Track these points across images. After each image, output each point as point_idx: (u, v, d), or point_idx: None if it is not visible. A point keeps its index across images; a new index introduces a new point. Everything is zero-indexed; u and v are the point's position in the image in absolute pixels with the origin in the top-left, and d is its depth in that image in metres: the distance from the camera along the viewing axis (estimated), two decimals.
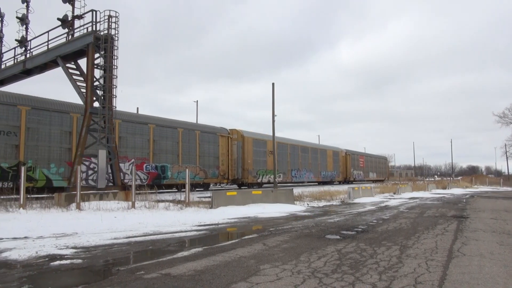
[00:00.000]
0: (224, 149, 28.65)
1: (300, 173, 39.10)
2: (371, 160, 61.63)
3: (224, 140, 28.90)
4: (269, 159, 32.85)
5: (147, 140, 22.87)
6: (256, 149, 32.31)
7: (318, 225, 9.76)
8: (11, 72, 19.36)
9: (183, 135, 25.33)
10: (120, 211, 12.07)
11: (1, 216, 10.07)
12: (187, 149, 25.39)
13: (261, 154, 32.90)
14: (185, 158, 25.13)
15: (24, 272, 4.82)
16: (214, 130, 28.28)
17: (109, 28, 15.63)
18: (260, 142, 33.11)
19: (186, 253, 6.01)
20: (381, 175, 64.44)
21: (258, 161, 32.30)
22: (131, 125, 22.18)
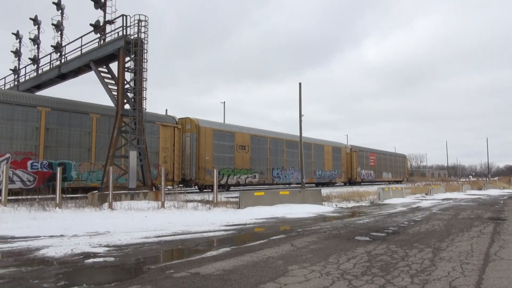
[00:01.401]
0: (169, 143, 22.42)
1: (285, 173, 32.06)
2: (385, 158, 53.34)
3: (168, 131, 22.45)
4: (238, 155, 26.93)
5: (35, 129, 16.91)
6: (219, 143, 25.58)
7: (347, 226, 9.61)
8: (48, 77, 20.22)
9: (100, 123, 19.06)
10: (150, 210, 12.34)
11: (39, 214, 10.52)
12: (105, 142, 18.69)
13: (226, 149, 26.11)
14: (102, 154, 18.47)
15: (60, 269, 5.01)
16: (152, 118, 21.33)
17: (139, 32, 16.02)
18: (224, 134, 26.30)
19: (215, 253, 6.06)
20: (398, 175, 56.88)
21: (221, 158, 25.55)
22: (7, 107, 16.25)
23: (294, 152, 33.27)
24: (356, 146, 45.83)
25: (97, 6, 16.84)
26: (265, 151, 30.19)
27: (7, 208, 11.22)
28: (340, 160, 41.37)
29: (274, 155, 31.20)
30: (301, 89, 25.92)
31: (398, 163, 58.21)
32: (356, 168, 44.05)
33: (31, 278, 4.50)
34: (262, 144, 30.01)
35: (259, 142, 29.72)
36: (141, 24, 16.07)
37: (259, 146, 29.46)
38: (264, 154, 30.04)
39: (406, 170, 62.94)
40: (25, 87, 21.55)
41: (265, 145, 30.35)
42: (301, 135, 26.21)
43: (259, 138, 29.79)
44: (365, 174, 46.12)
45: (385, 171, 52.54)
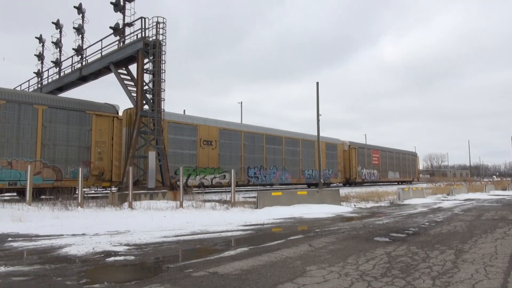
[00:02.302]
0: (106, 136, 18.70)
1: (265, 172, 27.76)
2: (391, 156, 48.32)
3: (104, 123, 18.68)
4: (203, 151, 23.08)
5: None
6: (176, 137, 21.88)
7: (366, 226, 9.49)
8: (69, 79, 20.72)
9: (7, 111, 15.92)
10: (169, 210, 12.49)
11: (62, 214, 10.80)
12: (15, 134, 15.98)
13: (186, 144, 22.36)
14: (8, 148, 15.85)
15: (82, 267, 5.13)
16: (82, 105, 18.19)
17: (157, 34, 16.24)
18: (183, 127, 22.44)
19: (233, 253, 6.08)
20: (407, 175, 52.03)
21: (179, 155, 21.80)
22: None
23: (277, 148, 29.40)
24: (355, 143, 40.95)
25: (116, 9, 17.16)
26: (238, 147, 25.81)
27: (31, 208, 11.55)
28: (335, 158, 36.69)
29: (250, 152, 26.80)
30: (318, 88, 25.73)
31: (407, 161, 53.05)
32: (356, 167, 39.24)
33: (54, 276, 4.62)
34: (234, 139, 25.67)
35: (231, 137, 25.44)
36: (159, 26, 16.29)
37: (230, 142, 25.24)
38: (237, 150, 25.72)
39: (417, 169, 57.77)
40: (47, 90, 22.14)
41: (239, 140, 25.96)
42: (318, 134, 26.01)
43: (230, 132, 25.49)
44: (366, 173, 41.37)
45: (392, 170, 47.68)
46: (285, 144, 30.20)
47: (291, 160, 30.64)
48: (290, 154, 30.56)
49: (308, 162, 32.73)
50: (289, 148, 30.56)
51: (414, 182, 52.25)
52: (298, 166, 31.41)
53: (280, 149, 29.58)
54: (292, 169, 30.57)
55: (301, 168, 31.69)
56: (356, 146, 39.97)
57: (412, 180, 53.13)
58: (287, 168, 29.99)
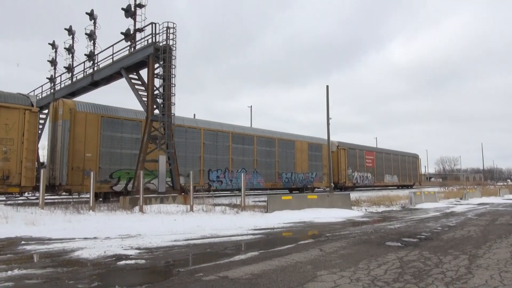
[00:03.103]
0: (14, 132, 15.63)
1: (231, 176, 24.51)
2: (388, 158, 44.54)
3: (12, 116, 15.66)
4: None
5: None
6: (113, 134, 18.96)
7: (377, 231, 9.39)
8: (81, 84, 20.99)
9: None
10: (179, 214, 12.53)
11: (74, 217, 10.91)
12: None
13: (126, 143, 19.33)
14: None
15: (94, 270, 5.17)
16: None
17: (167, 38, 16.39)
18: (122, 123, 19.38)
19: (243, 257, 6.07)
20: (407, 178, 48.45)
21: (116, 155, 18.88)
22: None
23: (246, 149, 25.89)
24: (345, 143, 37.26)
25: (127, 15, 17.37)
26: (196, 147, 22.67)
27: (44, 211, 11.70)
28: (320, 160, 33.00)
29: (213, 152, 23.73)
30: (328, 91, 25.69)
31: (407, 164, 49.17)
32: (346, 170, 35.64)
33: (66, 279, 4.66)
34: (191, 138, 22.55)
35: (187, 135, 22.32)
36: (169, 31, 16.44)
37: (186, 141, 22.12)
38: (195, 151, 22.53)
39: (419, 172, 53.86)
40: (60, 95, 22.46)
41: (197, 139, 22.82)
42: (329, 138, 25.93)
43: (186, 129, 22.23)
44: (358, 177, 37.97)
45: (389, 173, 44.03)
46: (258, 144, 26.95)
47: (265, 162, 27.25)
48: (264, 155, 27.33)
49: (287, 164, 29.59)
50: (263, 149, 27.26)
51: (416, 187, 49.60)
52: (273, 168, 28.12)
53: (251, 150, 26.24)
54: (266, 172, 27.26)
55: (277, 171, 28.26)
56: (346, 147, 36.52)
57: (413, 184, 49.92)
58: (260, 171, 26.67)
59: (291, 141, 30.40)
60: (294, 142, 30.56)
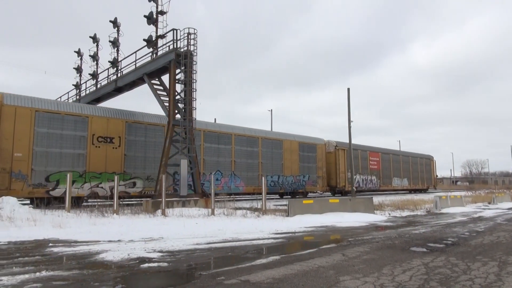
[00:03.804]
0: None
1: (203, 179, 20.74)
2: (396, 160, 40.18)
3: None
4: (97, 151, 17.57)
5: None
6: (50, 131, 16.56)
7: (402, 236, 9.18)
8: (105, 90, 21.53)
9: None
10: (201, 217, 12.62)
11: (99, 220, 11.16)
12: None
13: (68, 141, 16.92)
14: None
15: (118, 273, 5.26)
16: None
17: (188, 44, 16.62)
18: (64, 119, 16.99)
19: (264, 261, 6.05)
20: (419, 181, 43.84)
21: (55, 155, 16.52)
22: None
23: (223, 149, 23.05)
24: (344, 143, 32.45)
25: (149, 22, 17.74)
26: (157, 146, 19.60)
27: (70, 214, 12.02)
28: (314, 162, 29.81)
29: None
30: (349, 94, 25.42)
31: (419, 166, 44.57)
32: (345, 173, 31.89)
33: (92, 281, 4.76)
34: (151, 136, 19.72)
35: (146, 133, 19.53)
36: (190, 37, 16.67)
37: (145, 139, 19.36)
38: (155, 150, 19.59)
39: (433, 175, 48.61)
40: (85, 101, 23.10)
41: (159, 137, 19.80)
42: (350, 141, 25.62)
43: (146, 127, 19.47)
44: (361, 180, 34.23)
45: (397, 176, 39.83)
46: (237, 143, 23.87)
47: (245, 164, 24.07)
48: (244, 156, 24.24)
49: (273, 166, 26.37)
50: (243, 149, 24.18)
51: (431, 191, 46.45)
52: (256, 171, 24.90)
53: (228, 150, 23.40)
54: (247, 175, 24.13)
55: (260, 173, 24.84)
56: (346, 147, 32.20)
57: (427, 189, 46.10)
58: (239, 174, 23.62)
59: (278, 140, 27.22)
60: (281, 141, 27.42)
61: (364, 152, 35.32)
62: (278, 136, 27.63)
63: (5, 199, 13.03)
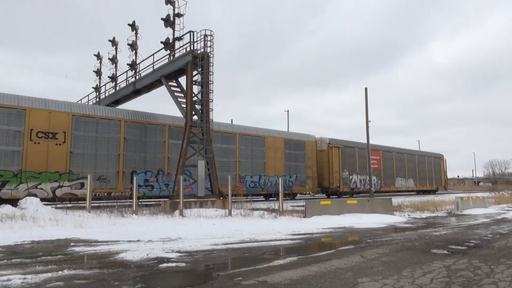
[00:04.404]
0: None
1: (166, 179, 19.42)
2: (401, 159, 36.87)
3: None
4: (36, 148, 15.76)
5: None
6: None
7: (422, 238, 9.01)
8: (124, 92, 21.90)
9: None
10: (218, 218, 12.68)
11: (118, 221, 11.34)
12: None
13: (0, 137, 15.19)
14: None
15: (137, 272, 5.33)
16: None
17: (205, 46, 16.74)
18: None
19: (282, 262, 6.03)
20: (426, 182, 40.38)
21: None
22: None
23: None
24: (339, 140, 30.41)
25: (167, 24, 17.95)
26: (114, 142, 17.94)
27: (91, 214, 12.26)
28: (303, 160, 27.22)
29: (139, 150, 18.77)
30: (367, 94, 25.13)
31: (427, 165, 40.89)
32: (340, 172, 29.20)
33: (112, 280, 4.84)
34: (105, 131, 17.79)
35: (98, 129, 17.58)
36: (207, 39, 16.78)
37: (97, 135, 17.48)
38: (110, 148, 17.81)
39: (443, 175, 44.76)
40: (105, 103, 23.54)
41: (115, 133, 18.05)
42: (368, 141, 25.31)
43: (97, 121, 17.57)
44: (358, 181, 31.38)
45: (402, 176, 36.69)
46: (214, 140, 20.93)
47: (219, 163, 21.13)
48: (218, 153, 21.42)
49: (253, 165, 23.68)
50: (217, 146, 21.36)
51: (441, 192, 42.94)
52: (233, 170, 22.27)
53: None
54: (221, 175, 20.49)
55: (238, 173, 22.55)
56: (340, 145, 29.88)
57: (437, 190, 42.52)
58: None
59: (258, 137, 24.39)
60: (263, 138, 24.68)
61: (362, 150, 31.78)
62: (259, 132, 24.87)
63: (29, 199, 13.41)
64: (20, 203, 13.39)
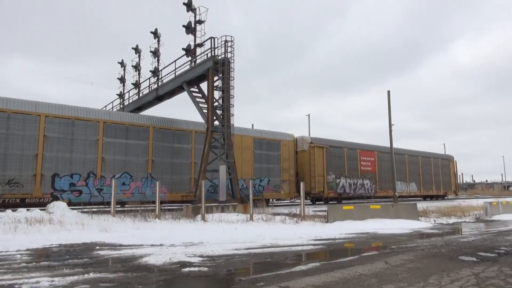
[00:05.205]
0: None
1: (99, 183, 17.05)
2: (401, 160, 33.05)
3: None
4: None
5: None
6: None
7: (449, 244, 8.75)
8: (147, 99, 22.33)
9: None
10: (240, 223, 12.70)
11: (141, 225, 11.52)
12: None
13: None
14: None
15: (160, 276, 5.39)
16: None
17: (225, 52, 16.91)
18: None
19: (304, 267, 5.97)
20: (432, 186, 36.34)
21: None
22: None
23: (133, 145, 18.15)
24: (323, 139, 27.24)
25: (188, 31, 18.24)
26: (31, 140, 15.69)
27: (115, 219, 12.51)
28: (277, 162, 24.06)
29: (64, 149, 16.38)
30: (389, 97, 24.70)
31: (432, 167, 36.88)
32: (325, 176, 25.91)
33: (136, 283, 4.91)
34: (18, 128, 15.48)
35: (10, 125, 15.36)
36: (227, 45, 16.95)
37: (7, 132, 15.28)
38: (26, 146, 15.57)
39: (454, 179, 40.26)
40: (128, 109, 24.06)
41: (33, 130, 15.79)
42: (391, 145, 24.84)
43: (9, 116, 15.35)
44: (348, 185, 27.76)
45: (402, 180, 32.88)
46: (156, 138, 18.89)
47: (170, 164, 19.04)
48: (168, 154, 19.13)
49: None
50: (166, 145, 19.15)
51: (450, 197, 39.96)
52: (187, 173, 19.67)
53: (143, 146, 18.44)
54: (172, 179, 19.09)
55: (193, 176, 19.64)
56: (325, 144, 26.58)
57: (445, 195, 38.72)
58: (161, 177, 18.24)
59: None
60: None
61: (353, 151, 29.05)
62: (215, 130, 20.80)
63: (56, 204, 13.79)
64: (48, 207, 13.80)
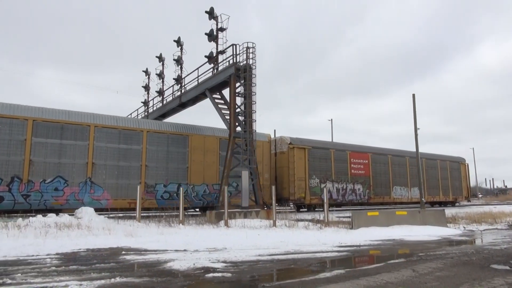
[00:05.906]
0: None
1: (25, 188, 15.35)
2: (400, 163, 30.24)
3: None
4: None
5: None
6: None
7: (480, 252, 8.43)
8: (171, 106, 22.72)
9: None
10: (263, 229, 12.66)
11: (166, 230, 11.67)
12: None
13: None
14: None
15: (184, 281, 5.43)
16: None
17: (247, 58, 17.02)
18: None
19: (328, 274, 5.89)
20: (439, 191, 33.07)
21: None
22: None
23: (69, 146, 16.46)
24: (305, 140, 24.72)
25: (210, 39, 18.49)
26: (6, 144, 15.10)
27: (140, 224, 12.72)
28: None
29: None
30: (415, 100, 24.19)
31: (439, 171, 33.55)
32: (307, 180, 23.41)
33: None
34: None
35: None
36: (249, 51, 17.06)
37: None
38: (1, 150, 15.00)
39: (465, 183, 36.74)
40: (153, 116, 24.53)
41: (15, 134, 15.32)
42: (417, 149, 24.26)
43: None
44: (335, 190, 25.07)
45: (401, 184, 29.92)
46: (99, 138, 17.21)
47: (115, 168, 17.43)
48: (113, 156, 17.49)
49: (169, 170, 18.86)
50: (111, 146, 17.46)
51: (461, 204, 37.11)
52: (136, 177, 17.89)
53: (82, 147, 16.73)
54: (116, 183, 17.36)
55: (144, 181, 18.04)
56: (307, 145, 24.04)
57: (455, 201, 35.34)
58: (103, 182, 16.93)
59: (178, 135, 19.46)
60: (186, 137, 19.62)
61: (341, 153, 26.10)
62: (178, 130, 19.74)
63: (84, 209, 14.16)
64: (76, 213, 14.18)
